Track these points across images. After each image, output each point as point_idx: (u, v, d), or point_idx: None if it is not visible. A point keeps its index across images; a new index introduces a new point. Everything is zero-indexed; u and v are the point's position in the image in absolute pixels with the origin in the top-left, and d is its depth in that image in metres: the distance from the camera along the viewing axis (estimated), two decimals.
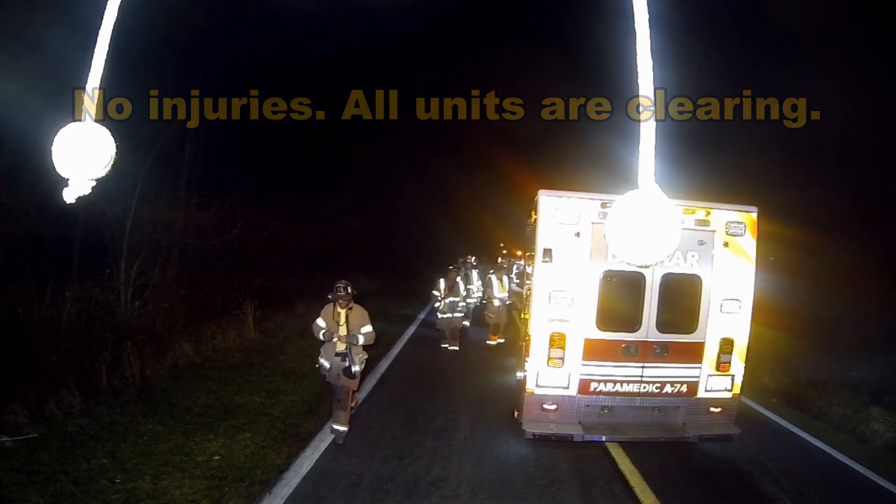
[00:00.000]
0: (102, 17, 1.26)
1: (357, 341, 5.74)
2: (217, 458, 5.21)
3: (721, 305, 5.80)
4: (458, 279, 11.06)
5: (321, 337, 5.74)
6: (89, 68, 1.25)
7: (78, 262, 11.96)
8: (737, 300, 5.81)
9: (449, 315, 10.77)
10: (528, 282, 10.01)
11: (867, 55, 16.55)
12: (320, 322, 5.81)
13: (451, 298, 10.76)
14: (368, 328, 5.84)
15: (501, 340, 11.39)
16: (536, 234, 5.77)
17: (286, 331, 11.49)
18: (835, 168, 17.20)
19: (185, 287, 12.41)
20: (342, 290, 5.72)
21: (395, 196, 29.56)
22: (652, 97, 1.07)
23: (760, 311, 6.34)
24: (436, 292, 10.96)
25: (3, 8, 8.32)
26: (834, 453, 6.34)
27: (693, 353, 5.84)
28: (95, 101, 1.26)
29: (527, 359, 5.83)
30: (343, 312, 5.76)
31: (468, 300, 12.14)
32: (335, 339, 5.69)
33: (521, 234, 8.98)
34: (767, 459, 5.94)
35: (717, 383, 5.88)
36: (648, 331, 5.81)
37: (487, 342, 11.39)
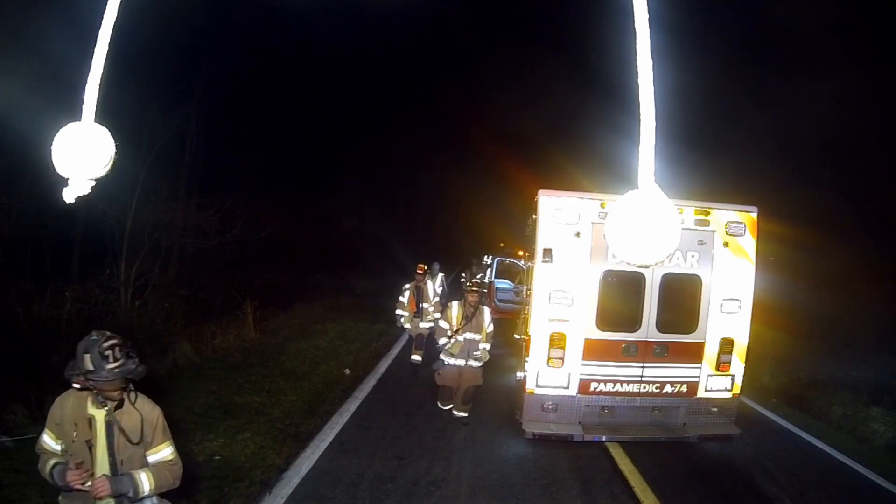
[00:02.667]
0: (102, 17, 1.26)
1: (133, 489, 2.49)
2: (217, 458, 5.21)
3: (721, 305, 5.80)
4: (485, 311, 6.71)
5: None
6: (89, 68, 1.25)
7: (78, 262, 11.96)
8: (737, 300, 5.81)
9: (461, 362, 6.48)
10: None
11: (867, 55, 16.55)
12: (46, 440, 2.57)
13: (470, 335, 6.47)
14: (161, 454, 2.62)
15: None
16: (536, 234, 5.77)
17: (286, 331, 11.49)
18: (835, 168, 17.21)
19: (185, 287, 12.40)
20: (97, 357, 2.34)
21: (395, 195, 29.61)
22: (652, 97, 1.07)
23: (760, 311, 6.34)
24: (443, 323, 6.60)
25: (4, 8, 8.32)
26: (834, 453, 6.34)
27: (693, 353, 5.84)
28: (96, 101, 1.26)
29: (527, 359, 5.83)
30: (100, 416, 2.51)
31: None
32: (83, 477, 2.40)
33: (521, 234, 8.98)
34: (767, 459, 5.94)
35: (717, 383, 5.89)
36: (648, 331, 5.81)
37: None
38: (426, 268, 9.07)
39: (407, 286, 8.76)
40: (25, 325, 8.08)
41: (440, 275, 12.75)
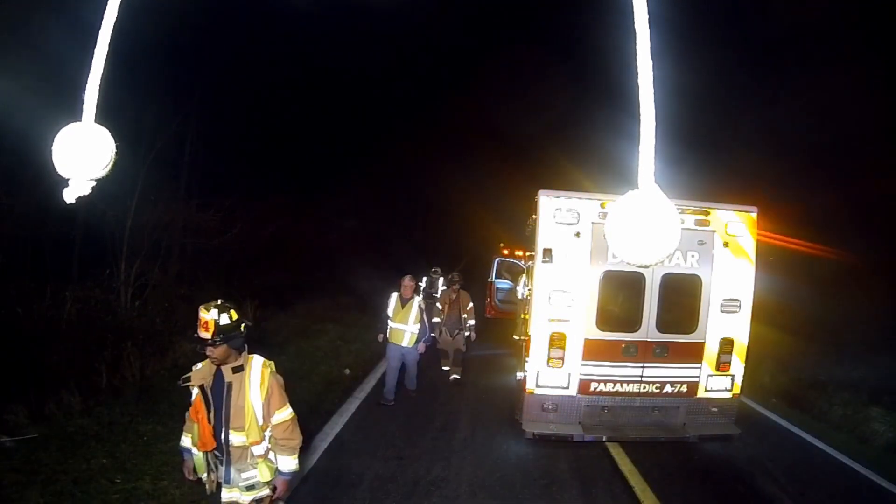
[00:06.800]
0: (102, 17, 1.26)
1: None
2: None
3: (721, 305, 5.81)
4: None
5: None
6: (89, 68, 1.25)
7: (78, 262, 11.94)
8: (737, 300, 5.81)
9: None
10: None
11: (867, 54, 16.55)
12: None
13: None
14: None
15: None
16: (536, 234, 5.77)
17: (286, 331, 11.48)
18: (835, 168, 17.21)
19: (185, 287, 12.39)
20: None
21: (395, 194, 29.58)
22: (652, 97, 1.07)
23: (760, 311, 6.34)
24: None
25: (4, 7, 8.32)
26: (834, 453, 6.35)
27: (693, 353, 5.85)
28: (96, 101, 1.26)
29: (527, 359, 5.83)
30: None
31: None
32: None
33: (521, 234, 8.97)
34: (767, 459, 5.94)
35: (717, 383, 5.89)
36: (648, 331, 5.82)
37: None
38: (236, 311, 3.13)
39: (199, 366, 3.31)
40: (25, 325, 8.07)
41: (417, 299, 7.46)
